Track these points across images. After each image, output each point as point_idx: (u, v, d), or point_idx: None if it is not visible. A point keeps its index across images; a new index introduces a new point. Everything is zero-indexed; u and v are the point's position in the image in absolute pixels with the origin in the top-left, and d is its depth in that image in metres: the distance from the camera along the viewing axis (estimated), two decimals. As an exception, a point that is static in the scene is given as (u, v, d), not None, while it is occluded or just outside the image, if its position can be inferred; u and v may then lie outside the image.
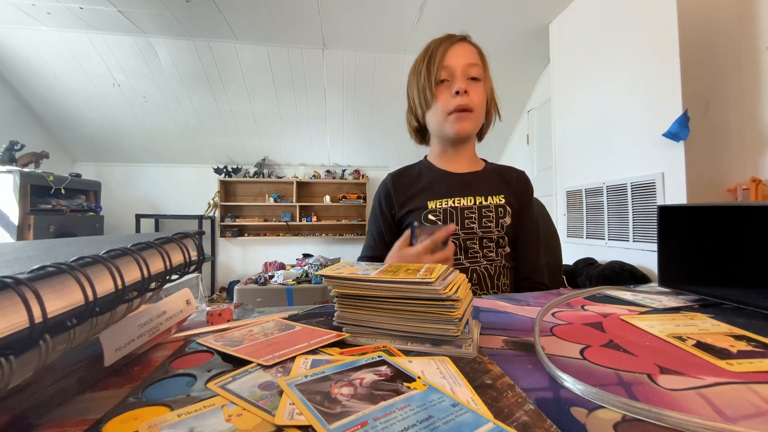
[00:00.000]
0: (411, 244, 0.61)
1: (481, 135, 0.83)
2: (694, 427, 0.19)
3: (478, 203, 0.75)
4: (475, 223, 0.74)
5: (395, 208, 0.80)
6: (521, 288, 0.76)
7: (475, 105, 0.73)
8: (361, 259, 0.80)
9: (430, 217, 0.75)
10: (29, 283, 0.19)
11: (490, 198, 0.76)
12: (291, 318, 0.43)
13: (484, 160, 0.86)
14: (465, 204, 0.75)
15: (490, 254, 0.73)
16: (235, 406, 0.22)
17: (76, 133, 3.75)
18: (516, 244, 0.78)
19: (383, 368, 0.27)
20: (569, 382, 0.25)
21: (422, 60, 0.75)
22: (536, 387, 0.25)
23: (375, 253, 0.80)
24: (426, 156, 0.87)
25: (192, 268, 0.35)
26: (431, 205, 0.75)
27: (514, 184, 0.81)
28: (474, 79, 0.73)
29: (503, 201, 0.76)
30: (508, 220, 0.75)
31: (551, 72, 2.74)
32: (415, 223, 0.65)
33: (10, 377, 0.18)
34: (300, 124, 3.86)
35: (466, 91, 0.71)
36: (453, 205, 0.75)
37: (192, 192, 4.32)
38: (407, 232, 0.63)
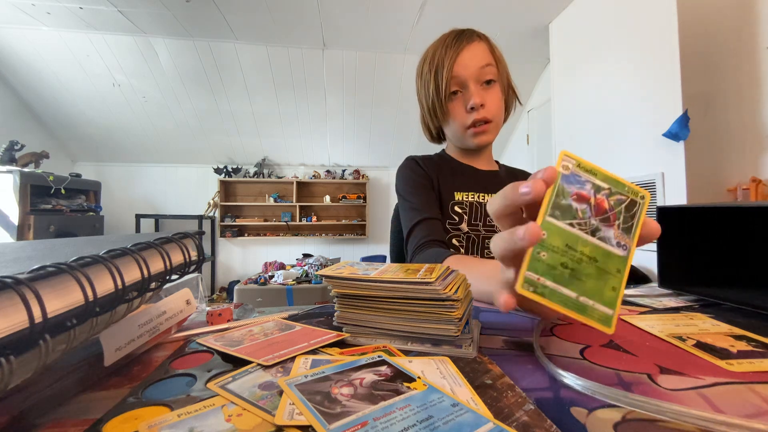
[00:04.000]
0: None
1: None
2: (692, 420, 0.19)
3: None
4: None
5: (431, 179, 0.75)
6: None
7: (493, 114, 0.69)
8: (411, 229, 0.68)
9: (456, 209, 0.73)
10: (29, 283, 0.19)
11: None
12: (291, 318, 0.43)
13: (496, 161, 0.86)
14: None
15: None
16: (235, 406, 0.22)
17: (76, 133, 3.75)
18: None
19: (383, 368, 0.27)
20: (569, 379, 0.25)
21: (429, 70, 0.69)
22: (536, 387, 0.25)
23: (429, 215, 0.68)
24: (444, 149, 0.84)
25: (192, 268, 0.35)
26: (458, 196, 0.74)
27: None
28: (489, 81, 0.68)
29: None
30: None
31: (551, 72, 2.74)
32: None
33: (10, 377, 0.18)
34: (300, 124, 3.86)
35: (482, 105, 0.66)
36: (478, 200, 0.74)
37: (192, 192, 4.32)
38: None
